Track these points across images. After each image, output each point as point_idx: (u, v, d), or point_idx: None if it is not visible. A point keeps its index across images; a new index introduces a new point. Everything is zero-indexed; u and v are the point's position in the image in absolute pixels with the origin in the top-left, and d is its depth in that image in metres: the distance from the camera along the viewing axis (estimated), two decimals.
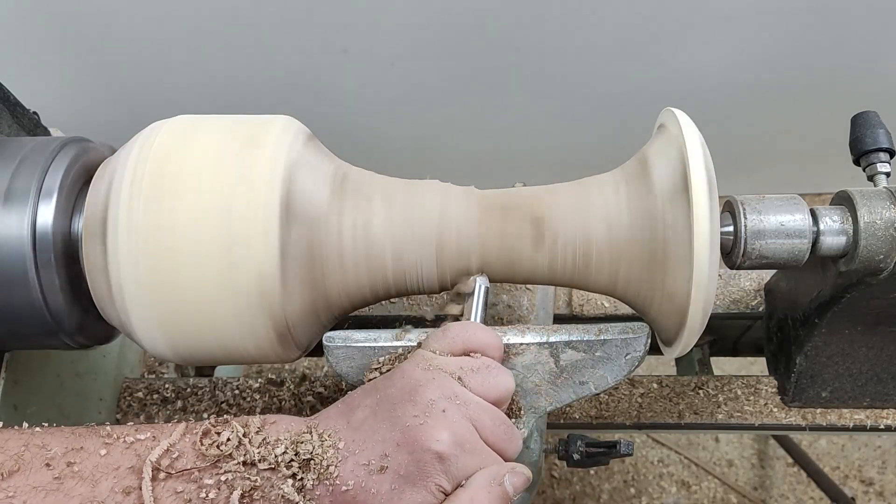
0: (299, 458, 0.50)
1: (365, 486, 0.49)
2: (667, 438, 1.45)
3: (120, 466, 0.49)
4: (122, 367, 0.89)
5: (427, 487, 0.49)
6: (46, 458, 0.49)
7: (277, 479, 0.50)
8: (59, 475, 0.48)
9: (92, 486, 0.48)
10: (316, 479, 0.49)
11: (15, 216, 0.59)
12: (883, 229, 0.59)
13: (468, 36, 1.22)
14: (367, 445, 0.50)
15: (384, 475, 0.49)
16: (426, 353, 0.54)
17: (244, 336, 0.58)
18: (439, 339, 0.56)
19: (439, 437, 0.49)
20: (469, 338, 0.55)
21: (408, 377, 0.52)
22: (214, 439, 0.51)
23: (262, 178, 0.56)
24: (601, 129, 1.40)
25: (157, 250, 0.55)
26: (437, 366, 0.53)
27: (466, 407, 0.51)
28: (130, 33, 1.20)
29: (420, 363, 0.53)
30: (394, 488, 0.49)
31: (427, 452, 0.49)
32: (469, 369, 0.54)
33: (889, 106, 0.82)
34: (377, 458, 0.49)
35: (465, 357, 0.55)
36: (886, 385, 0.76)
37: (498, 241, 0.60)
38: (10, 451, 0.49)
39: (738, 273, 0.85)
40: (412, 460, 0.49)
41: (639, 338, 0.59)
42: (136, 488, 0.49)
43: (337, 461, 0.50)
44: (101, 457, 0.50)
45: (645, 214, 0.57)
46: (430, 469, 0.49)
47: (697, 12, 1.19)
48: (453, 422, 0.50)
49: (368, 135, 1.39)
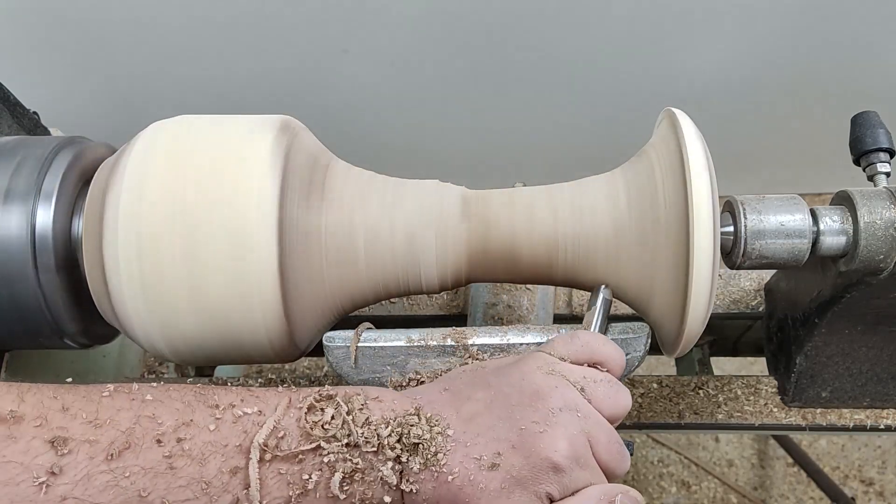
0: (407, 441, 0.49)
1: (473, 480, 0.49)
2: (667, 438, 1.45)
3: (228, 444, 0.48)
4: (122, 367, 0.89)
5: (537, 493, 0.49)
6: (157, 433, 0.47)
7: (379, 461, 0.49)
8: (170, 454, 0.47)
9: (201, 465, 0.47)
10: (423, 464, 0.49)
11: (15, 216, 0.59)
12: (883, 229, 0.59)
13: (468, 36, 1.22)
14: (481, 440, 0.49)
15: (495, 473, 0.49)
16: (549, 358, 0.54)
17: (244, 336, 0.58)
18: (566, 345, 0.55)
19: (558, 448, 0.49)
20: (597, 349, 0.55)
21: (528, 380, 0.52)
22: (319, 417, 0.50)
23: (258, 192, 0.56)
24: (601, 128, 1.40)
25: (156, 251, 0.55)
26: (560, 372, 0.52)
27: (586, 421, 0.51)
28: (130, 33, 1.20)
29: (542, 366, 0.53)
30: (503, 487, 0.49)
31: (544, 461, 0.49)
32: (592, 381, 0.53)
33: (889, 106, 0.82)
34: (490, 454, 0.49)
35: (589, 368, 0.54)
36: (886, 385, 0.76)
37: (498, 243, 0.60)
38: (122, 425, 0.46)
39: (738, 273, 0.85)
40: (527, 465, 0.49)
41: (639, 338, 0.59)
42: (242, 468, 0.48)
43: (446, 449, 0.49)
44: (210, 432, 0.48)
45: (645, 214, 0.58)
46: (543, 477, 0.49)
47: (697, 12, 1.19)
48: (572, 434, 0.50)
49: (368, 135, 1.39)
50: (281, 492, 0.48)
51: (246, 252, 0.55)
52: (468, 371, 0.56)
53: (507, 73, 1.29)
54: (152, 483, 0.46)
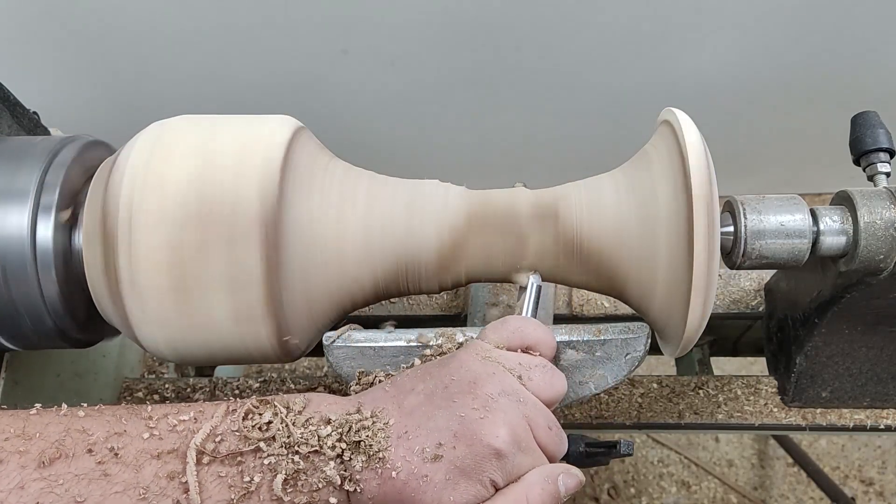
0: (348, 439, 0.49)
1: (417, 473, 0.48)
2: (667, 438, 1.45)
3: (163, 451, 0.48)
4: (122, 367, 0.89)
5: (481, 481, 0.49)
6: (88, 443, 0.48)
7: (321, 461, 0.49)
8: (102, 461, 0.47)
9: (136, 471, 0.47)
10: (365, 462, 0.49)
11: (15, 216, 0.59)
12: (883, 229, 0.59)
13: (468, 36, 1.22)
14: (422, 432, 0.49)
15: (439, 464, 0.49)
16: (484, 345, 0.54)
17: (244, 337, 0.58)
18: (497, 331, 0.55)
19: (499, 434, 0.49)
20: (528, 333, 0.55)
21: (466, 367, 0.52)
22: (257, 421, 0.50)
23: (259, 191, 0.55)
24: (601, 128, 1.40)
25: (156, 252, 0.55)
26: (495, 359, 0.53)
27: (525, 405, 0.51)
28: (130, 33, 1.20)
29: (479, 354, 0.53)
30: (448, 478, 0.48)
31: (486, 447, 0.49)
32: (527, 366, 0.53)
33: (889, 106, 0.82)
34: (432, 445, 0.49)
35: (523, 354, 0.55)
36: (886, 385, 0.76)
37: (499, 244, 0.60)
38: (51, 437, 0.47)
39: (738, 273, 0.85)
40: (469, 453, 0.49)
41: (639, 338, 0.59)
42: (179, 473, 0.48)
43: (388, 445, 0.49)
44: (143, 440, 0.49)
45: (645, 214, 0.57)
46: (486, 464, 0.49)
47: (698, 12, 1.19)
48: (512, 419, 0.50)
49: (368, 134, 1.39)
50: (222, 495, 0.48)
51: (247, 251, 0.55)
52: (417, 366, 0.56)
53: (508, 74, 1.29)
54: (87, 489, 0.46)
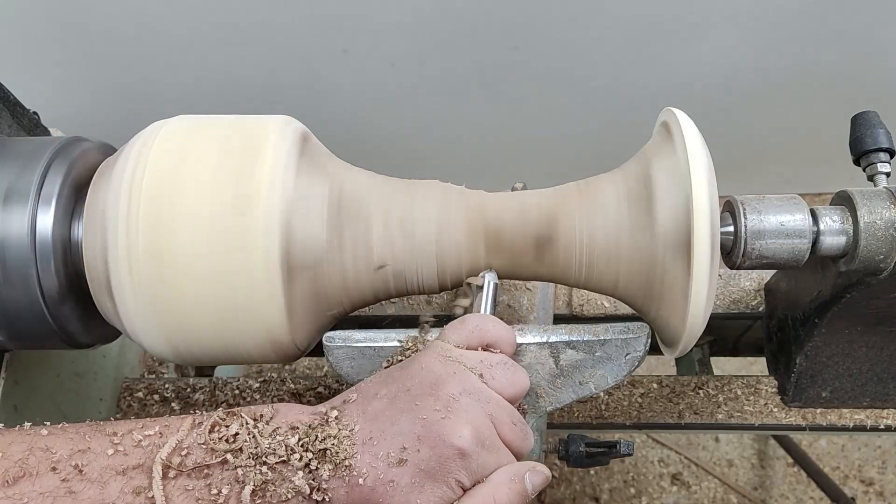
0: (314, 448, 0.49)
1: (383, 478, 0.48)
2: (667, 438, 1.45)
3: (128, 466, 0.48)
4: (122, 367, 0.89)
5: (447, 483, 0.49)
6: (52, 461, 0.48)
7: (289, 471, 0.49)
8: (67, 478, 0.47)
9: (101, 488, 0.47)
10: (332, 470, 0.48)
11: (15, 217, 0.59)
12: (883, 229, 0.59)
13: (468, 36, 1.22)
14: (386, 437, 0.49)
15: (404, 468, 0.48)
16: (444, 345, 0.54)
17: (244, 338, 0.58)
18: (457, 331, 0.55)
19: (462, 433, 0.49)
20: (487, 331, 0.55)
21: (427, 369, 0.52)
22: (223, 433, 0.50)
23: (260, 191, 0.55)
24: (601, 128, 1.40)
25: (156, 252, 0.55)
26: (456, 358, 0.53)
27: (487, 404, 0.51)
28: (130, 33, 1.20)
29: (439, 355, 0.53)
30: (414, 482, 0.48)
31: (450, 448, 0.49)
32: (489, 365, 0.53)
33: (889, 106, 0.82)
34: (396, 450, 0.49)
35: (484, 352, 0.55)
36: (886, 385, 0.76)
37: (498, 244, 0.60)
38: (14, 457, 0.48)
39: (738, 273, 0.85)
40: (434, 455, 0.49)
41: (639, 338, 0.59)
42: (145, 488, 0.48)
43: (353, 452, 0.49)
44: (108, 457, 0.49)
45: (645, 214, 0.57)
46: (451, 465, 0.49)
47: (698, 11, 1.19)
48: (475, 418, 0.50)
49: (368, 134, 1.39)
50: None
51: (248, 252, 0.55)
52: (380, 371, 0.56)
53: (507, 74, 1.29)
54: None
